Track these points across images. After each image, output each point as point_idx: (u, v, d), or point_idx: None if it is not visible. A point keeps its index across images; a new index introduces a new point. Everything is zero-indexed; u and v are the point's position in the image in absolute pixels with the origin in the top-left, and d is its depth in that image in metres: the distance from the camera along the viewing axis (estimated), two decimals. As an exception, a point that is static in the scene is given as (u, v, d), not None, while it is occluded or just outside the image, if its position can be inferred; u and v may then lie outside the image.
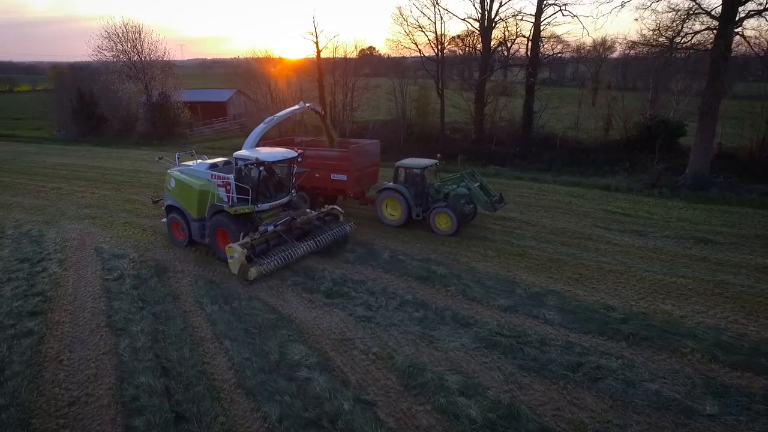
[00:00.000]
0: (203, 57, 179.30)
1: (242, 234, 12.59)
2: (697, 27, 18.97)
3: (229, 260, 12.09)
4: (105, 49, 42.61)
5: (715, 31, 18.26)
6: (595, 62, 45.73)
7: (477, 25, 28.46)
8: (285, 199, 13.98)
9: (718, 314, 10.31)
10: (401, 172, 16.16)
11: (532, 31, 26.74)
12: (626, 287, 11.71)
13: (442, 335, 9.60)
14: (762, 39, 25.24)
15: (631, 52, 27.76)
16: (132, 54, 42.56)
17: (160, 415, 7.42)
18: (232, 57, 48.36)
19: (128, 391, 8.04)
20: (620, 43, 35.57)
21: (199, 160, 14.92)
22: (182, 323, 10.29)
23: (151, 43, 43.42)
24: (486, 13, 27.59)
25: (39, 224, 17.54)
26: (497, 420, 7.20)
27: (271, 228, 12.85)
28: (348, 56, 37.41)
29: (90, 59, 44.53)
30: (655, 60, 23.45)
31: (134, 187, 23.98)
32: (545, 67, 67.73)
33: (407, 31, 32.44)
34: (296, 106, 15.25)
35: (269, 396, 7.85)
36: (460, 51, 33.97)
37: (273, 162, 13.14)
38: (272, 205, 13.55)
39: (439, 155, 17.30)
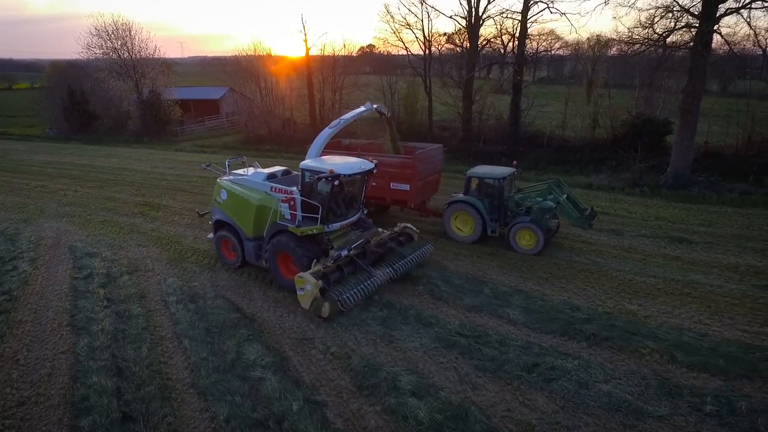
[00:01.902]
0: (204, 54, 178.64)
1: (313, 261, 10.73)
2: (676, 25, 18.83)
3: (299, 292, 10.14)
4: (95, 47, 42.54)
5: (694, 29, 18.16)
6: (590, 60, 45.65)
7: (464, 22, 28.32)
8: (355, 217, 12.06)
9: (683, 314, 10.26)
10: (474, 182, 14.44)
11: (518, 28, 26.62)
12: (595, 287, 11.66)
13: (403, 335, 9.55)
14: (738, 36, 25.14)
15: (613, 50, 27.59)
16: (122, 51, 42.44)
17: (107, 415, 7.37)
18: (232, 54, 47.99)
19: (79, 390, 8.00)
20: (601, 41, 35.19)
21: (251, 168, 13.14)
22: (144, 322, 10.24)
23: (142, 41, 43.35)
24: (473, 10, 27.48)
25: (16, 222, 17.50)
26: (444, 421, 7.15)
27: (344, 252, 10.92)
28: (336, 54, 37.29)
29: (81, 57, 44.44)
30: (636, 58, 23.32)
31: (118, 185, 23.91)
32: (543, 65, 67.93)
33: (394, 28, 32.36)
34: (363, 108, 13.23)
35: (220, 396, 7.81)
36: (447, 49, 33.83)
37: (350, 175, 11.04)
38: (342, 225, 11.69)
39: (515, 162, 15.50)
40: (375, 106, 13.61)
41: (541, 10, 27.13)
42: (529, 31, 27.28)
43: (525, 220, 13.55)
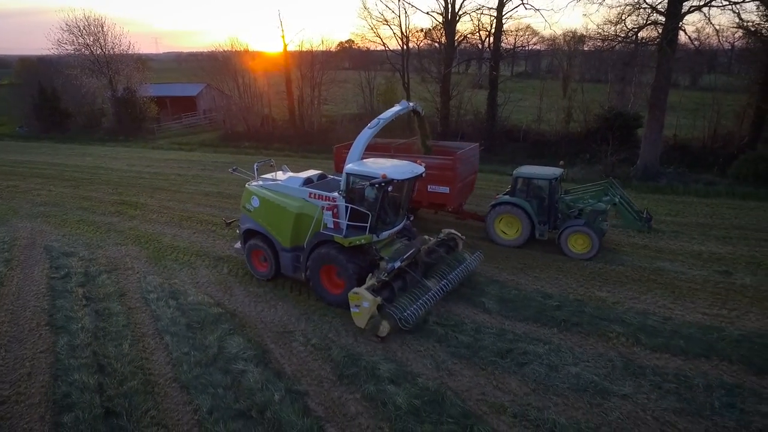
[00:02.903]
0: (179, 50, 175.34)
1: (369, 274, 9.84)
2: (647, 20, 19.45)
3: (353, 310, 9.30)
4: (66, 43, 41.55)
5: (661, 26, 18.81)
6: (565, 55, 46.55)
7: (441, 18, 28.63)
8: (401, 225, 11.22)
9: (648, 299, 10.77)
10: (521, 182, 13.75)
11: (494, 24, 27.03)
12: (567, 276, 12.10)
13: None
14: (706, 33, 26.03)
15: (586, 46, 28.27)
16: (94, 47, 41.55)
17: (90, 410, 7.46)
18: (209, 50, 47.43)
19: (60, 388, 8.05)
20: (576, 37, 36.02)
21: (279, 172, 12.27)
22: (125, 320, 10.29)
23: (115, 36, 42.50)
24: (449, 6, 27.81)
25: (-11, 223, 17.18)
26: (422, 406, 7.45)
27: (397, 264, 10.06)
28: (314, 50, 37.23)
29: (51, 53, 43.36)
30: (607, 53, 23.96)
31: (93, 184, 23.58)
32: (520, 60, 68.86)
33: (372, 24, 32.49)
34: (399, 107, 12.24)
35: (203, 389, 7.96)
36: (425, 44, 34.13)
37: (403, 180, 10.11)
38: (390, 233, 10.85)
39: (561, 162, 14.76)
40: (411, 104, 12.75)
41: (516, 7, 27.93)
42: (504, 27, 27.78)
43: (579, 223, 12.98)
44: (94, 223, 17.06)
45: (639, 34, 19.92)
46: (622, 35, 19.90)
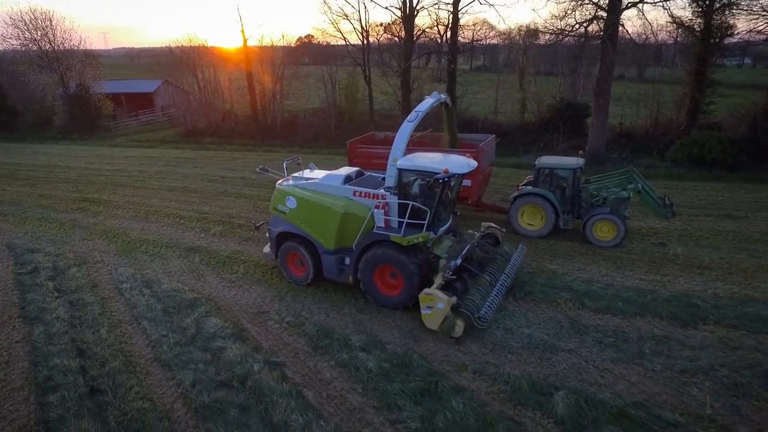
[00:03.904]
0: (131, 46, 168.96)
1: (439, 274, 9.50)
2: (596, 15, 20.79)
3: (425, 312, 8.95)
4: (11, 37, 39.87)
5: (602, 20, 20.21)
6: (521, 49, 48.30)
7: (399, 13, 29.35)
8: (450, 222, 10.96)
9: (593, 270, 11.88)
10: (544, 173, 13.87)
11: (450, 19, 27.97)
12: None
13: (350, 303, 10.48)
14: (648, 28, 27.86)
15: (539, 40, 29.67)
16: (43, 43, 40.01)
17: (75, 390, 7.79)
18: (164, 46, 46.46)
19: (42, 372, 8.31)
20: (530, 31, 37.63)
21: (307, 170, 11.70)
22: (100, 309, 10.52)
23: (65, 31, 41.09)
24: (407, 1, 28.51)
25: (-57, 224, 16.70)
26: (391, 368, 8.17)
27: (459, 261, 9.86)
28: (275, 45, 37.24)
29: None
30: (556, 46, 25.36)
31: (51, 182, 23.05)
32: (479, 54, 70.59)
33: (332, 19, 32.87)
34: (432, 98, 11.41)
35: (184, 365, 8.40)
36: (385, 39, 34.78)
37: (464, 174, 9.94)
38: (443, 230, 10.54)
39: (581, 152, 14.36)
40: (443, 96, 12.18)
41: (471, 2, 28.72)
42: (461, 21, 28.78)
43: (605, 211, 13.17)
44: (57, 220, 16.88)
45: (581, 29, 21.25)
46: (569, 29, 21.22)
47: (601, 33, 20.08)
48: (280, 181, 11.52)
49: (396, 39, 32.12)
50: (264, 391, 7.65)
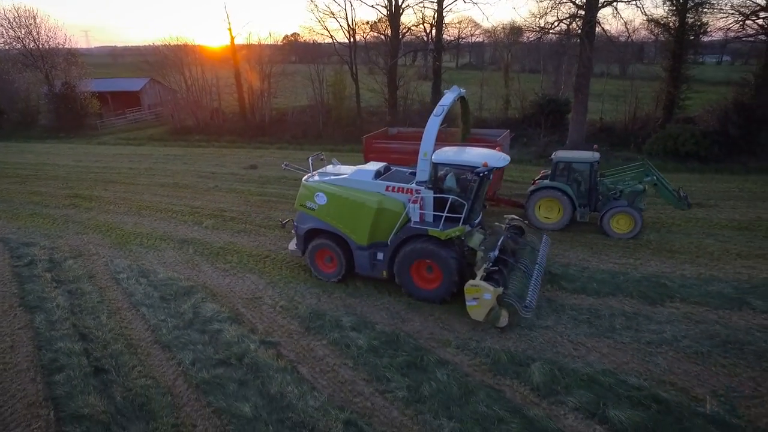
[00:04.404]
0: (113, 45, 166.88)
1: (482, 266, 9.49)
2: (565, 14, 21.61)
3: (470, 303, 9.06)
4: (-6, 36, 39.49)
5: (581, 18, 20.98)
6: (506, 46, 49.04)
7: (385, 11, 29.86)
8: (481, 215, 11.18)
9: (571, 255, 12.54)
10: (561, 167, 14.08)
11: (435, 17, 28.57)
12: (504, 240, 13.70)
13: (340, 288, 11.00)
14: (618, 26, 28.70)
15: (522, 37, 30.39)
16: (27, 41, 39.76)
17: (80, 369, 8.20)
18: (149, 44, 46.31)
19: (47, 355, 8.69)
20: (514, 29, 38.39)
21: (330, 166, 11.95)
22: (98, 297, 10.89)
23: (49, 30, 40.84)
24: (393, 0, 29.05)
25: (-65, 220, 16.83)
26: (380, 345, 8.72)
27: (496, 253, 10.09)
28: (262, 43, 37.51)
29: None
30: (535, 43, 26.08)
31: (41, 179, 23.17)
32: (465, 51, 71.37)
33: (318, 17, 33.26)
34: (453, 93, 10.96)
35: (183, 346, 8.85)
36: (372, 36, 35.27)
37: (502, 168, 10.08)
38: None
39: (595, 146, 15.07)
40: (462, 90, 11.83)
41: (455, 0, 29.22)
42: (446, 19, 29.41)
43: (622, 204, 13.44)
44: (49, 216, 17.11)
45: (564, 26, 22.02)
46: (549, 27, 21.96)
47: (580, 31, 20.81)
48: (305, 177, 11.51)
49: (383, 37, 32.61)
50: (260, 368, 8.14)
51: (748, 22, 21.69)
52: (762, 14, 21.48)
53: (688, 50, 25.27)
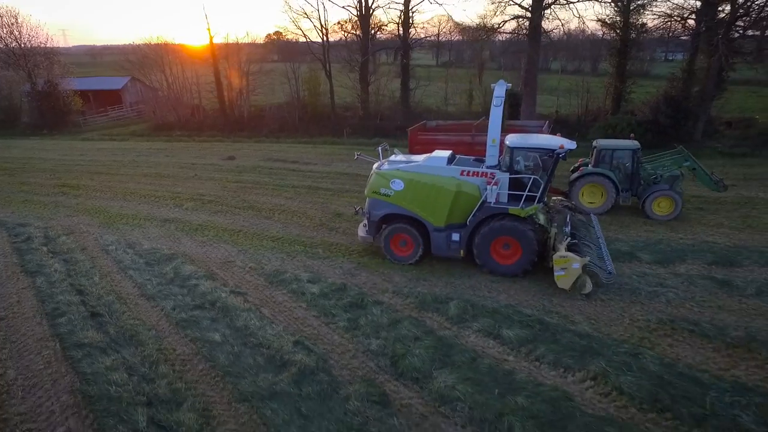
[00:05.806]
0: (92, 44, 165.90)
1: (565, 239, 10.47)
2: (510, 16, 23.73)
3: (558, 273, 9.96)
4: (-25, 36, 40.27)
5: (526, 19, 23.10)
6: (477, 45, 51.23)
7: (356, 12, 31.66)
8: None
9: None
10: (605, 154, 14.95)
11: (402, 17, 30.46)
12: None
13: (301, 253, 12.84)
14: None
15: (463, 36, 32.34)
16: (9, 40, 40.67)
17: (78, 314, 9.90)
18: (129, 43, 47.45)
19: (49, 305, 10.35)
20: (453, 28, 40.58)
21: (393, 155, 12.57)
22: (91, 264, 12.56)
23: (31, 29, 41.76)
24: (363, 1, 30.84)
25: (-68, 207, 18.19)
26: (330, 292, 10.58)
27: (569, 229, 11.08)
28: (240, 42, 38.99)
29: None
30: (486, 41, 28.20)
31: (28, 171, 24.51)
32: (445, 50, 73.53)
33: (293, 18, 34.90)
34: (503, 86, 11.13)
35: (165, 297, 10.60)
36: (345, 35, 37.01)
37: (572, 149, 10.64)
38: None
39: (632, 135, 15.97)
40: (509, 84, 11.84)
41: (421, 1, 31.19)
42: (416, 19, 31.31)
43: (665, 188, 14.27)
44: (40, 202, 18.59)
45: (507, 27, 24.16)
46: (497, 27, 24.04)
47: (526, 31, 22.89)
48: (375, 165, 12.19)
49: (355, 36, 34.41)
50: (229, 310, 9.94)
51: (674, 24, 24.06)
52: (689, 17, 23.89)
53: (632, 48, 27.54)
